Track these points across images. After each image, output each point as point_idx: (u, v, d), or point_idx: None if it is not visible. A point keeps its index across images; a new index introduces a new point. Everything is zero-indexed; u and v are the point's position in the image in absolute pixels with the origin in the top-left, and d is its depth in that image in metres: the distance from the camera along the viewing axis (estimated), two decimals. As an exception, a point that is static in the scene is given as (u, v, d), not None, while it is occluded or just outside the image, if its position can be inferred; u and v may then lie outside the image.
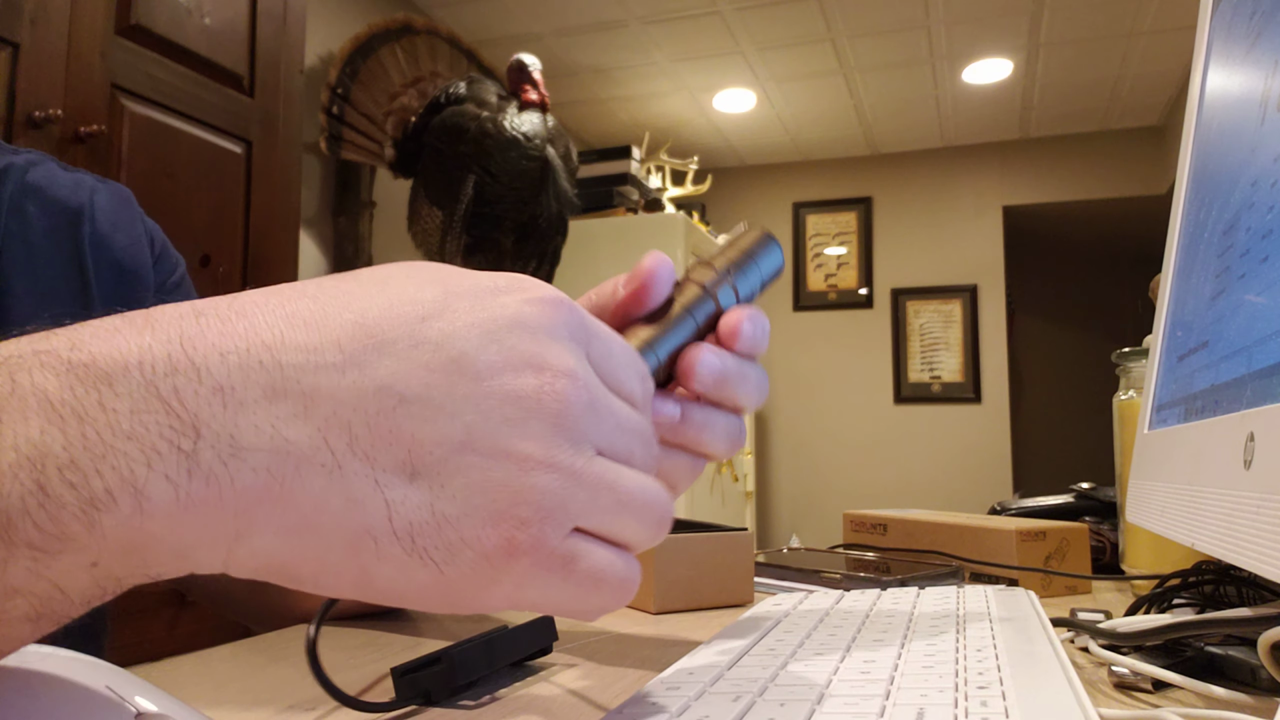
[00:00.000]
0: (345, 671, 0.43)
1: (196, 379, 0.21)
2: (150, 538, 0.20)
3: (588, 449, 0.25)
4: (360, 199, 2.73)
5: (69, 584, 0.20)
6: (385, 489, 0.22)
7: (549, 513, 0.24)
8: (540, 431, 0.24)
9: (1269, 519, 0.27)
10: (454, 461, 0.23)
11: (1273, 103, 0.34)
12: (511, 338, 0.24)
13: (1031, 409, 5.08)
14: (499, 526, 0.23)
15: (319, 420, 0.22)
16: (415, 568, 0.23)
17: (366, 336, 0.23)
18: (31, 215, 0.54)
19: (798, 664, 0.34)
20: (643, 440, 0.28)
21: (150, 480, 0.20)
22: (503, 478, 0.23)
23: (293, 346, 0.22)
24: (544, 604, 0.25)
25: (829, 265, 4.52)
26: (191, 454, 0.20)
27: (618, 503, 0.26)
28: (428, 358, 0.23)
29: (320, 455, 0.22)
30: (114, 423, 0.20)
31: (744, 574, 0.61)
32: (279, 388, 0.22)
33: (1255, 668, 0.37)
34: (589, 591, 0.25)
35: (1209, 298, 0.41)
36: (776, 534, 4.44)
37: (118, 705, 0.23)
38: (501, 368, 0.24)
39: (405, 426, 0.23)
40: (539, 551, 0.24)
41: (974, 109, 3.95)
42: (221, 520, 0.21)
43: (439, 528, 0.23)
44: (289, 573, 0.23)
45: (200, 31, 1.60)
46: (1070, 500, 0.87)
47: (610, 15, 3.14)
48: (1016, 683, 0.29)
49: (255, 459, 0.21)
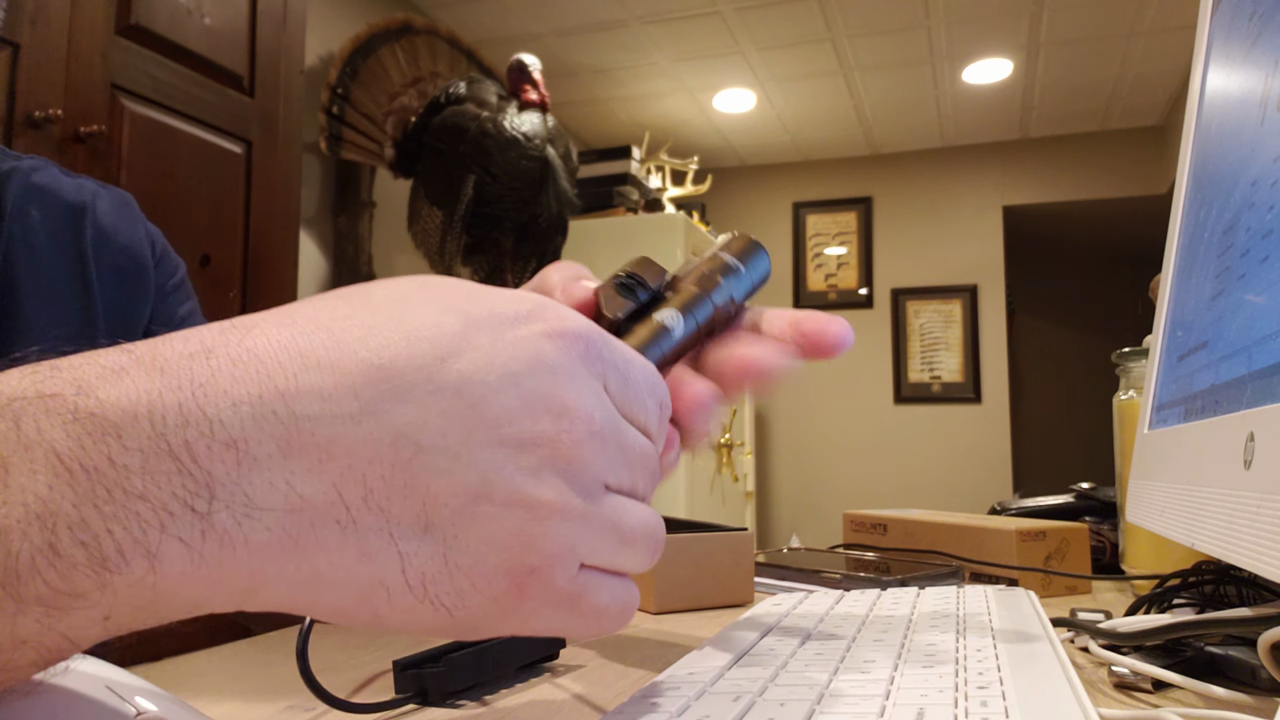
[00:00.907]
0: (345, 671, 0.43)
1: (209, 433, 0.20)
2: (163, 595, 0.20)
3: (598, 490, 0.25)
4: (360, 199, 2.73)
5: (79, 635, 0.20)
6: (399, 541, 0.22)
7: (558, 558, 0.24)
8: (555, 479, 0.24)
9: (1269, 519, 0.27)
10: (469, 513, 0.23)
11: (1273, 102, 0.34)
12: (530, 381, 0.24)
13: (1031, 409, 5.08)
14: (510, 574, 0.23)
15: (334, 474, 0.21)
16: (427, 612, 0.23)
17: (384, 380, 0.22)
18: (35, 219, 0.54)
19: (798, 664, 0.34)
20: (648, 470, 0.28)
21: (164, 543, 0.19)
22: (516, 526, 0.23)
23: (307, 393, 0.21)
24: (547, 633, 0.26)
25: (829, 265, 4.52)
26: (206, 515, 0.20)
27: (621, 542, 0.26)
28: (445, 405, 0.23)
29: (335, 511, 0.21)
30: (125, 480, 0.19)
31: (744, 574, 0.61)
32: (294, 442, 0.21)
33: (1255, 668, 0.37)
34: (593, 621, 0.26)
35: (1209, 298, 0.41)
36: (776, 534, 4.43)
37: (118, 705, 0.23)
38: (519, 414, 0.24)
39: (421, 478, 0.22)
40: (547, 593, 0.24)
41: (974, 109, 3.95)
42: (235, 576, 0.21)
43: (451, 576, 0.23)
44: (299, 609, 0.23)
45: (200, 31, 1.60)
46: (1070, 500, 0.87)
47: (610, 15, 3.14)
48: (1016, 683, 0.29)
49: (270, 518, 0.20)
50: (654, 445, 0.28)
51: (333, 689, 0.35)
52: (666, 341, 0.32)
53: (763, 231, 4.61)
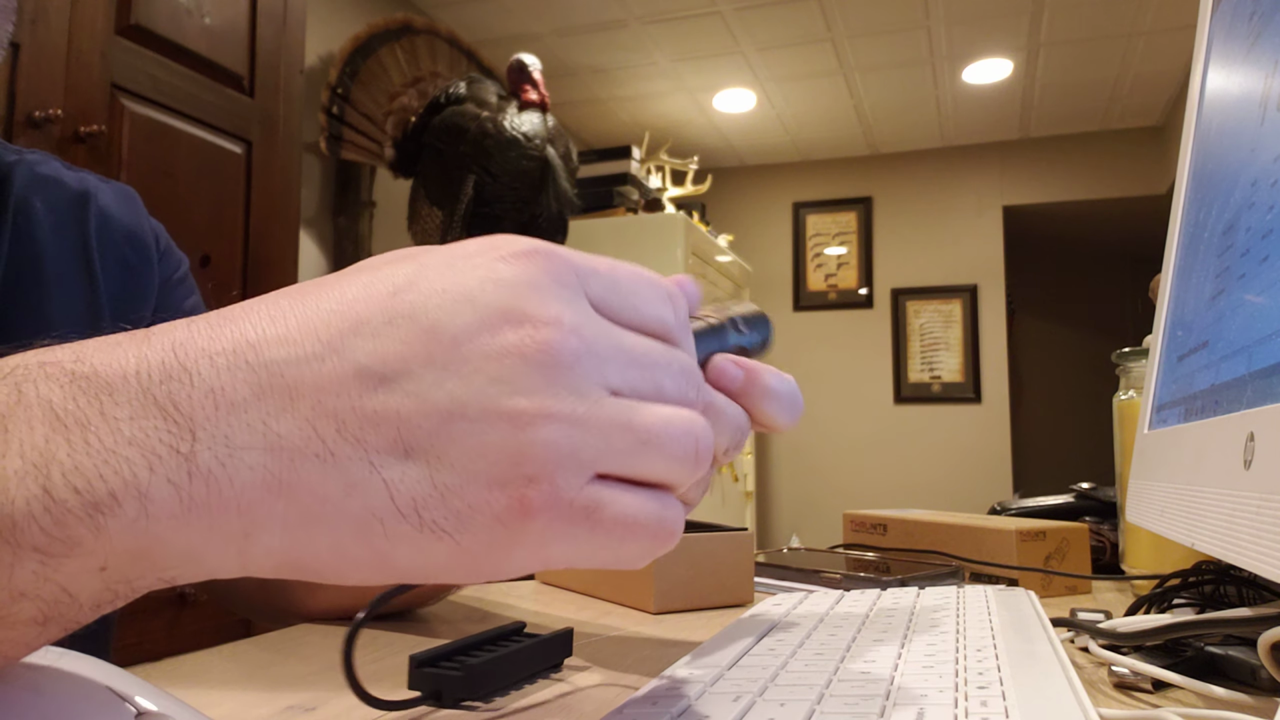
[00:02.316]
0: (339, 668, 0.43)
1: (189, 383, 0.21)
2: (157, 541, 0.20)
3: (594, 392, 0.24)
4: (360, 199, 2.73)
5: (77, 588, 0.20)
6: (381, 469, 0.22)
7: (557, 465, 0.23)
8: (530, 385, 0.23)
9: (1269, 519, 0.27)
10: (445, 431, 0.22)
11: (1272, 102, 0.34)
12: (485, 296, 0.24)
13: (1031, 409, 5.08)
14: (506, 488, 0.22)
15: (305, 411, 0.22)
16: (429, 542, 0.22)
17: (342, 320, 0.23)
18: (39, 210, 0.54)
19: (798, 664, 0.34)
20: (672, 371, 0.26)
21: (153, 483, 0.20)
22: (499, 439, 0.22)
23: (274, 341, 0.22)
24: (576, 559, 0.24)
25: (829, 265, 4.52)
26: (189, 456, 0.21)
27: (638, 441, 0.24)
28: (402, 333, 0.23)
29: (312, 446, 0.22)
30: (115, 429, 0.20)
31: (744, 574, 0.61)
32: (265, 384, 0.22)
33: (1255, 668, 0.37)
34: (622, 539, 0.24)
35: (1209, 297, 0.41)
36: (776, 534, 4.44)
37: (118, 705, 0.23)
38: (477, 328, 0.23)
39: (390, 405, 0.22)
40: (556, 506, 0.23)
41: (974, 109, 3.95)
42: (226, 520, 0.21)
43: (443, 498, 0.22)
44: (308, 567, 0.23)
45: (200, 31, 1.60)
46: (1070, 500, 0.87)
47: (610, 15, 3.14)
48: (1016, 683, 0.29)
49: (251, 457, 0.21)
50: (665, 347, 0.26)
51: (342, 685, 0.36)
52: None
53: (763, 231, 4.62)
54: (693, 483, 0.27)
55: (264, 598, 0.56)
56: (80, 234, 0.56)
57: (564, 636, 0.42)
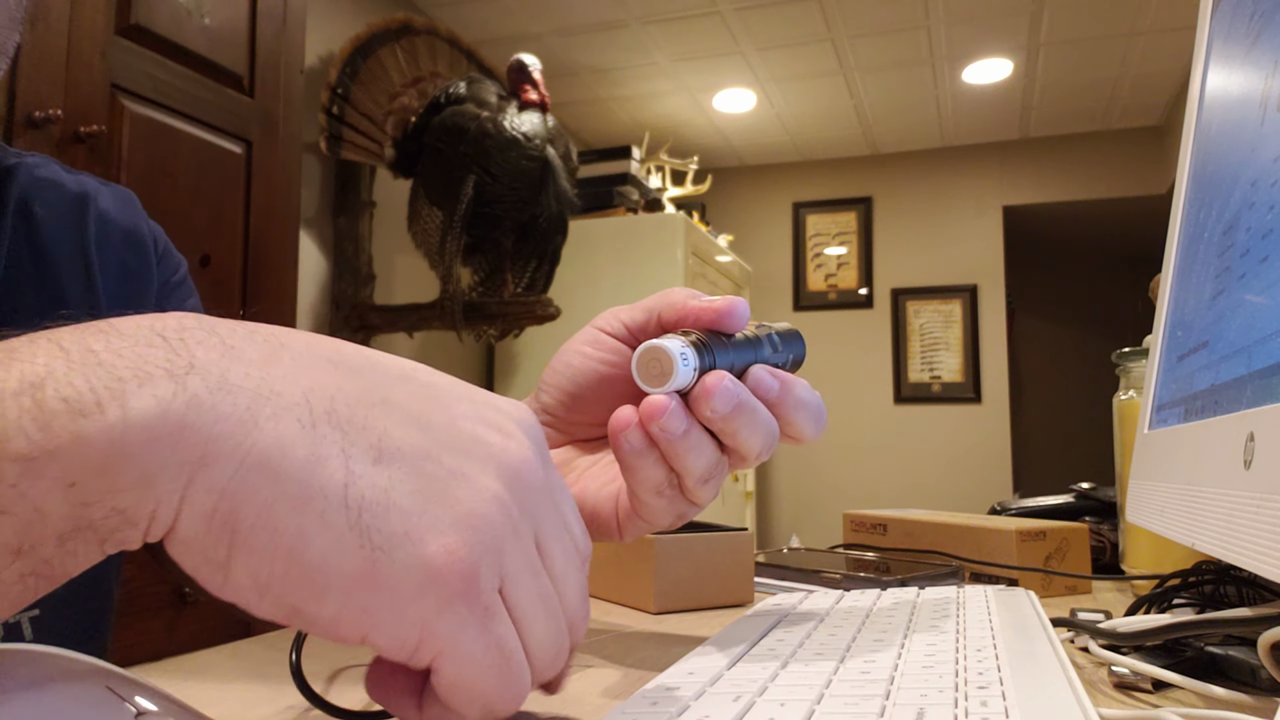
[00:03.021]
0: (337, 670, 0.43)
1: (204, 335, 0.23)
2: (125, 453, 0.21)
3: (529, 528, 0.26)
4: (360, 199, 2.73)
5: (48, 506, 0.21)
6: (350, 460, 0.23)
7: (489, 547, 0.24)
8: (499, 477, 0.25)
9: (1269, 519, 0.27)
10: (419, 464, 0.24)
11: (1272, 103, 0.34)
12: (482, 410, 0.27)
13: (1031, 409, 5.08)
14: (445, 535, 0.23)
15: (306, 385, 0.23)
16: (350, 548, 0.22)
17: (363, 357, 0.26)
18: (39, 214, 0.54)
19: (797, 664, 0.34)
20: (576, 569, 0.28)
21: (139, 396, 0.21)
22: (462, 495, 0.24)
23: (296, 337, 0.25)
24: (445, 653, 0.24)
25: (829, 265, 4.52)
26: (182, 380, 0.22)
27: (539, 596, 0.26)
28: (413, 389, 0.26)
29: (299, 410, 0.23)
30: (117, 355, 0.22)
31: (744, 574, 0.61)
32: (278, 356, 0.24)
33: (1255, 668, 0.37)
34: (494, 663, 0.25)
35: (1209, 298, 0.41)
36: (776, 534, 4.44)
37: (118, 705, 0.23)
38: (474, 418, 0.26)
39: (380, 421, 0.24)
40: (472, 581, 0.24)
41: (974, 109, 3.95)
42: (193, 444, 0.22)
43: (388, 512, 0.23)
44: (230, 523, 0.22)
45: (200, 32, 1.60)
46: (1070, 500, 0.87)
47: (610, 15, 3.14)
48: (1016, 683, 0.29)
49: (239, 396, 0.22)
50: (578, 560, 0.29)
51: (336, 686, 0.36)
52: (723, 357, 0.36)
53: (762, 231, 4.62)
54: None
55: None
56: (79, 238, 0.56)
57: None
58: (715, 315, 0.36)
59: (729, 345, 0.36)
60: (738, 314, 0.36)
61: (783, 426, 0.36)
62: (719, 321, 0.36)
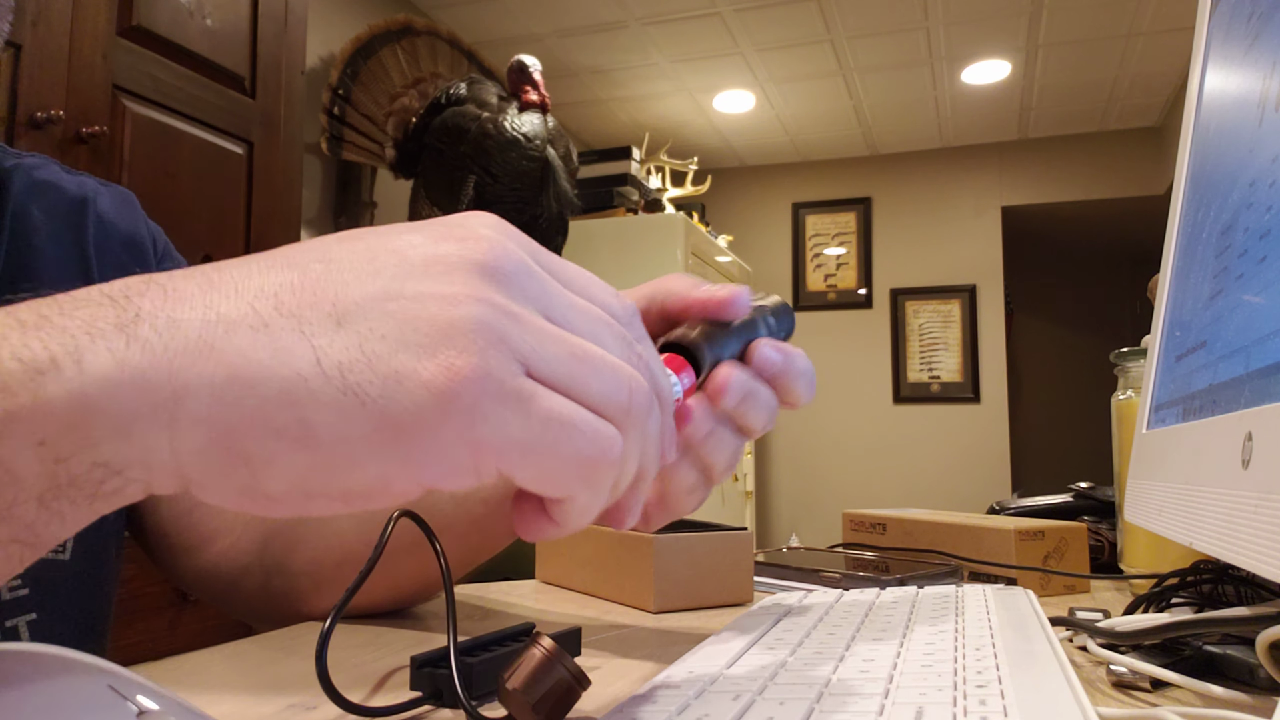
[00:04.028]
0: (347, 670, 0.43)
1: (145, 286, 0.23)
2: (90, 407, 0.21)
3: (529, 305, 0.25)
4: (361, 199, 2.73)
5: (19, 466, 0.21)
6: (312, 337, 0.23)
7: (490, 342, 0.23)
8: (465, 277, 0.24)
9: (1267, 518, 0.27)
10: (379, 308, 0.23)
11: (1271, 103, 0.35)
12: (431, 228, 0.26)
13: (1030, 409, 5.08)
14: (435, 354, 0.23)
15: (248, 297, 0.23)
16: (353, 408, 0.22)
17: (298, 248, 0.25)
18: (37, 216, 0.54)
19: (797, 663, 0.35)
20: (614, 332, 0.27)
21: (91, 348, 0.21)
22: (432, 312, 0.23)
23: (234, 263, 0.24)
24: (508, 451, 0.23)
25: (828, 265, 4.52)
26: (130, 328, 0.22)
27: (570, 354, 0.24)
28: (350, 246, 0.25)
29: (248, 319, 0.23)
30: (69, 315, 0.22)
31: (743, 573, 0.61)
32: (215, 283, 0.24)
33: (1253, 667, 0.37)
34: (556, 437, 0.24)
35: (1207, 298, 0.41)
36: (776, 534, 4.43)
37: (119, 704, 0.23)
38: (421, 242, 0.25)
39: (329, 286, 0.24)
40: (486, 379, 0.23)
41: (973, 110, 3.95)
42: (158, 385, 0.22)
43: (370, 363, 0.22)
44: (234, 445, 0.22)
45: (202, 32, 1.60)
46: (1069, 500, 0.87)
47: (610, 16, 3.14)
48: (1015, 682, 0.30)
49: (188, 328, 0.22)
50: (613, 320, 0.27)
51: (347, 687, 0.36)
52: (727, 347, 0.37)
53: (762, 231, 4.62)
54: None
55: (265, 597, 0.56)
56: (78, 240, 0.56)
57: (572, 636, 0.42)
58: (719, 306, 0.37)
59: (730, 334, 0.37)
60: (740, 303, 0.37)
61: (784, 395, 0.38)
62: (722, 311, 0.37)
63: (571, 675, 0.30)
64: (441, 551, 0.44)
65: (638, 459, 0.27)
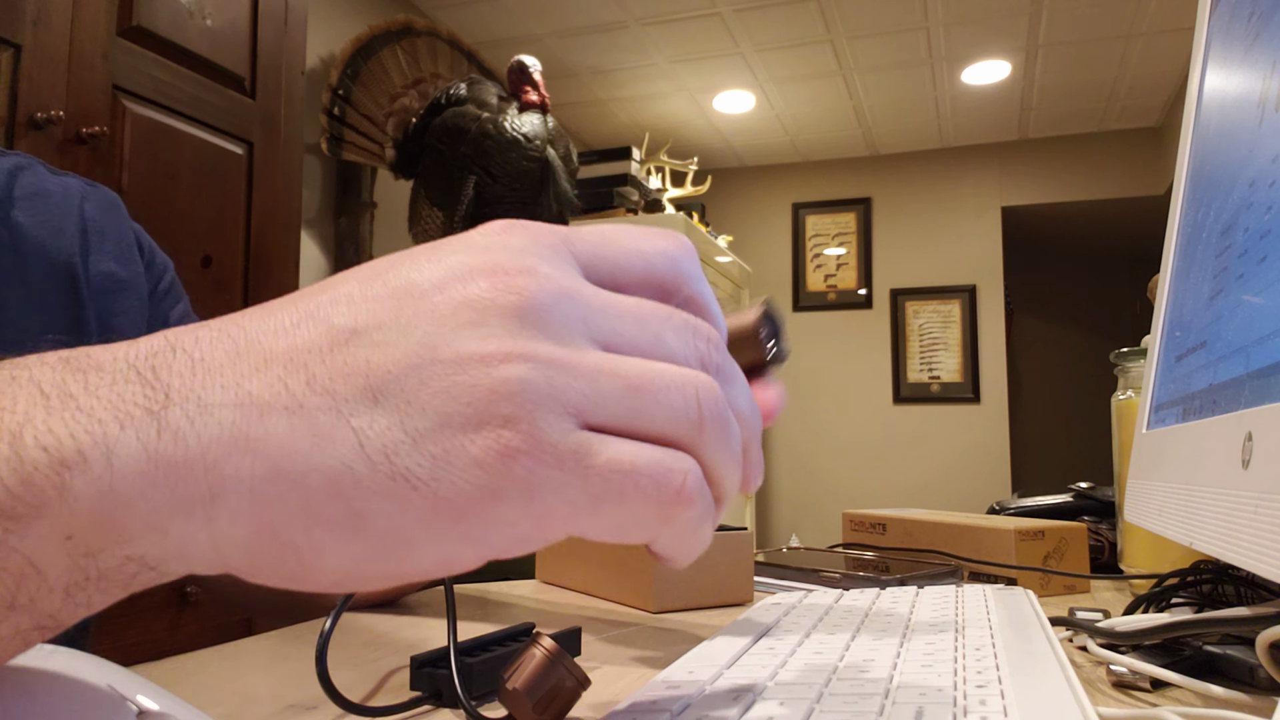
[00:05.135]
0: (347, 670, 0.43)
1: (172, 356, 0.22)
2: (122, 503, 0.20)
3: (576, 339, 0.23)
4: (361, 200, 2.73)
5: (44, 561, 0.20)
6: (350, 418, 0.21)
7: (536, 404, 0.21)
8: (504, 329, 0.22)
9: (1267, 518, 0.27)
10: (414, 376, 0.22)
11: (1271, 103, 0.35)
12: (456, 258, 0.23)
13: (1030, 409, 5.08)
14: (482, 430, 0.21)
15: (278, 369, 0.22)
16: (404, 493, 0.21)
17: (321, 293, 0.23)
18: (20, 224, 0.53)
19: (797, 663, 0.35)
20: (674, 324, 0.25)
21: (121, 439, 0.20)
22: (471, 380, 0.21)
23: (258, 316, 0.23)
24: (572, 516, 0.22)
25: (828, 265, 4.52)
26: (160, 414, 0.21)
27: (627, 388, 0.23)
28: (375, 292, 0.23)
29: (281, 399, 0.21)
30: (94, 395, 0.21)
31: (744, 573, 0.61)
32: (242, 350, 0.22)
33: (1253, 667, 0.37)
34: (622, 490, 0.22)
35: (1207, 298, 0.41)
36: (776, 533, 4.44)
37: (120, 703, 0.23)
38: (448, 281, 0.23)
39: (359, 355, 0.22)
40: (539, 449, 0.21)
41: (973, 110, 3.95)
42: (192, 479, 0.20)
43: (415, 444, 0.21)
44: (280, 537, 0.21)
45: (202, 33, 1.61)
46: (1069, 500, 0.87)
47: (610, 17, 3.14)
48: (1015, 682, 0.30)
49: (220, 414, 0.21)
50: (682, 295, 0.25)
51: (347, 687, 0.36)
52: None
53: (762, 232, 4.62)
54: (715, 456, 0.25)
55: (261, 589, 0.56)
56: (64, 248, 0.54)
57: (572, 635, 0.42)
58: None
59: None
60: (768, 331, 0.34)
61: None
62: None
63: (571, 675, 0.30)
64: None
65: (730, 460, 0.25)
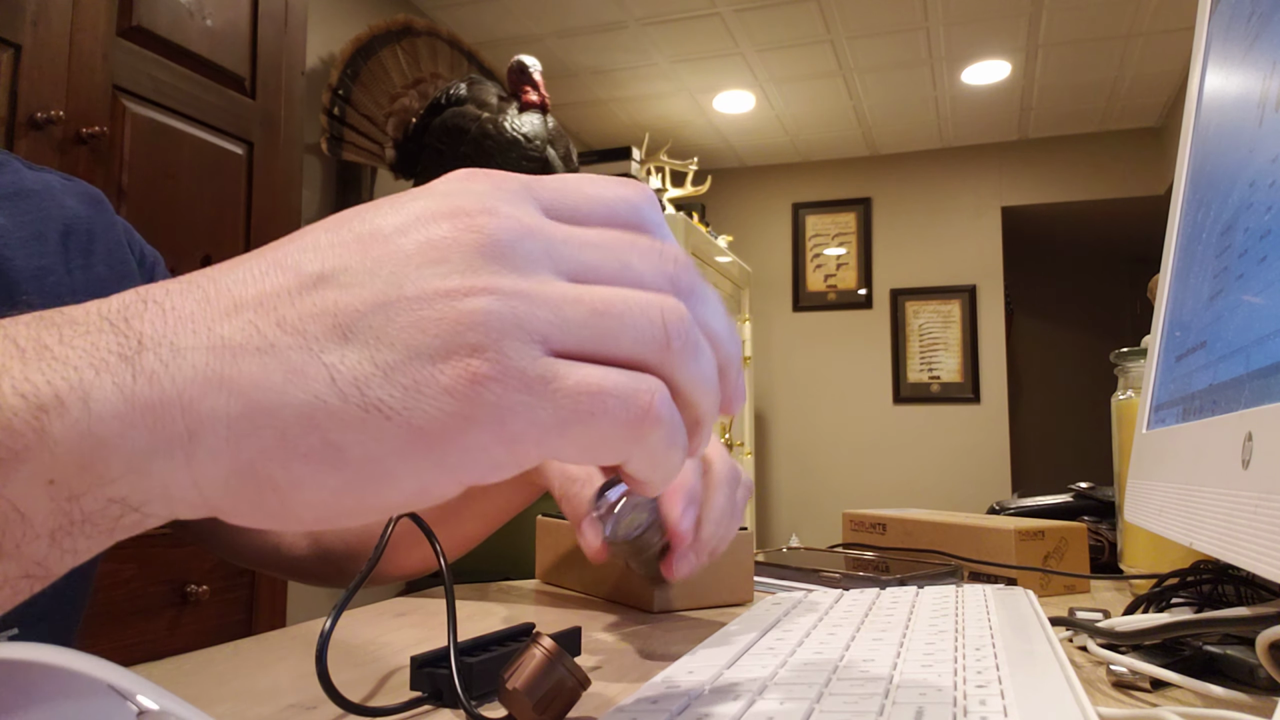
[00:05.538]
0: (347, 670, 0.43)
1: (143, 307, 0.22)
2: (101, 445, 0.20)
3: (539, 271, 0.23)
4: (361, 200, 2.73)
5: (27, 505, 0.20)
6: (321, 354, 0.22)
7: (503, 332, 0.22)
8: (467, 265, 0.23)
9: (1267, 518, 0.27)
10: (382, 314, 0.22)
11: (1270, 103, 0.35)
12: (420, 203, 0.24)
13: (1030, 409, 5.08)
14: (450, 360, 0.22)
15: (248, 314, 0.22)
16: (379, 423, 0.22)
17: (290, 242, 0.24)
18: (3, 228, 0.52)
19: (797, 662, 0.35)
20: (640, 249, 0.25)
21: (96, 384, 0.21)
22: (437, 314, 0.22)
23: (228, 269, 0.24)
24: (544, 439, 0.23)
25: (828, 266, 4.52)
26: (134, 359, 0.21)
27: (592, 312, 0.23)
28: (341, 238, 0.24)
29: (252, 340, 0.22)
30: (69, 345, 0.21)
31: (744, 573, 0.61)
32: (212, 298, 0.23)
33: (1253, 667, 0.37)
34: (591, 411, 0.23)
35: (1207, 298, 0.41)
36: (776, 534, 4.44)
37: (120, 703, 0.23)
38: (412, 225, 0.23)
39: (327, 297, 0.22)
40: (507, 374, 0.22)
41: (973, 110, 3.95)
42: (169, 418, 0.21)
43: (386, 376, 0.22)
44: (259, 472, 0.22)
45: (202, 33, 1.61)
46: (1069, 500, 0.87)
47: (610, 17, 3.14)
48: (1015, 682, 0.30)
49: (194, 356, 0.22)
50: (632, 237, 0.26)
51: (347, 687, 0.36)
52: None
53: (762, 232, 4.62)
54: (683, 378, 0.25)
55: (245, 536, 0.58)
56: (44, 253, 0.54)
57: (572, 636, 0.42)
58: None
59: None
60: None
61: None
62: None
63: (572, 675, 0.30)
64: (442, 552, 0.44)
65: (701, 381, 0.25)
